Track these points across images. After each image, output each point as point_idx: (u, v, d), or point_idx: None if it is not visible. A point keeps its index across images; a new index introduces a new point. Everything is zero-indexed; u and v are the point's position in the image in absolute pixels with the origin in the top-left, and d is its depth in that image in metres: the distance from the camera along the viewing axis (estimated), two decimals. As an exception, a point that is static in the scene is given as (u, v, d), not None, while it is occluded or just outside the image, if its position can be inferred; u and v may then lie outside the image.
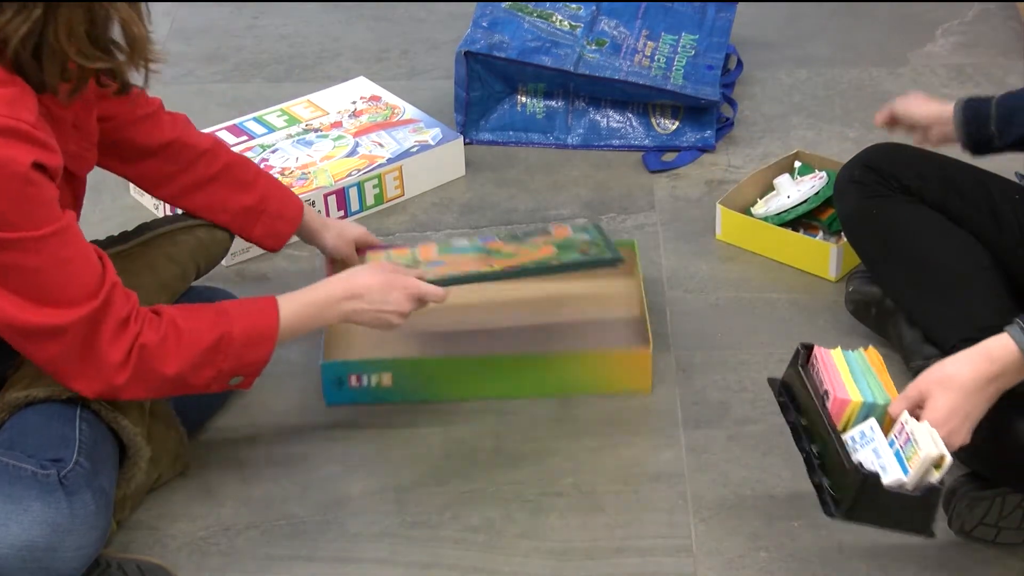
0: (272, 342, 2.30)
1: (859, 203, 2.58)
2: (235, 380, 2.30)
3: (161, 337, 2.20)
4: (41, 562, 2.11)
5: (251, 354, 2.28)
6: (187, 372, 2.23)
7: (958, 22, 3.84)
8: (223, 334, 2.25)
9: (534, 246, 2.69)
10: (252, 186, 2.65)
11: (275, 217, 2.67)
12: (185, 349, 2.22)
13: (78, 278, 2.12)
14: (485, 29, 3.39)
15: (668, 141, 3.35)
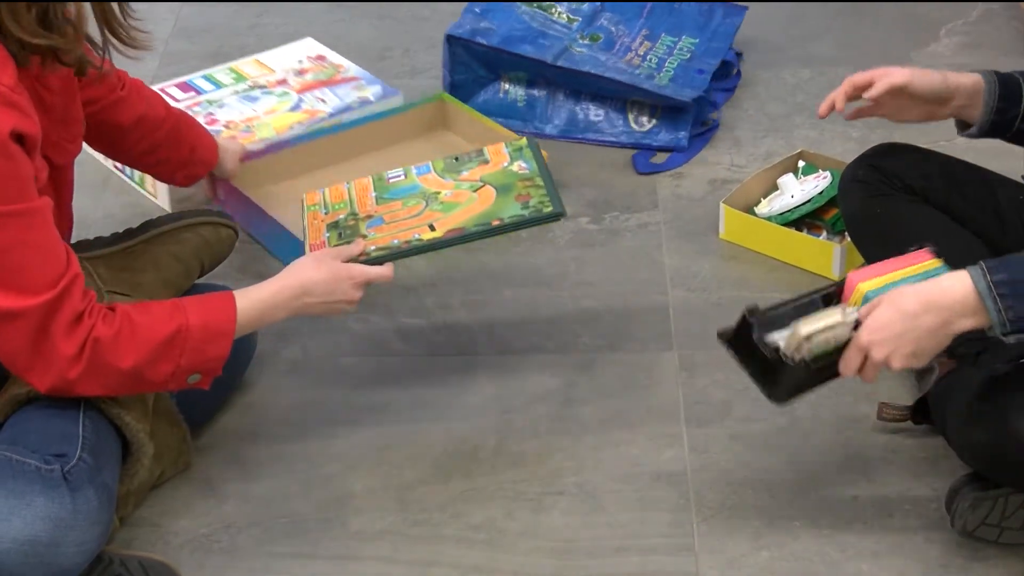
0: (229, 338, 2.28)
1: (863, 203, 2.57)
2: (193, 379, 2.27)
3: (115, 331, 2.17)
4: (43, 557, 2.11)
5: (209, 349, 2.25)
6: (143, 366, 2.20)
7: (962, 22, 3.84)
8: (179, 327, 2.22)
9: (472, 184, 2.60)
10: (186, 139, 2.79)
11: (197, 164, 2.84)
12: (140, 343, 2.19)
13: (39, 266, 2.10)
14: (476, 15, 3.46)
15: (643, 139, 3.36)
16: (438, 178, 2.65)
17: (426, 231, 2.51)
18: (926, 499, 2.42)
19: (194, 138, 2.81)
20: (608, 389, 2.68)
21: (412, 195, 2.61)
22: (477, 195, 2.58)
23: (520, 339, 2.80)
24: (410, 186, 2.64)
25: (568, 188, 3.23)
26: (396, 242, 2.49)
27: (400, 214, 2.56)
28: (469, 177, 2.64)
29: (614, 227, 3.10)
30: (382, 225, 2.54)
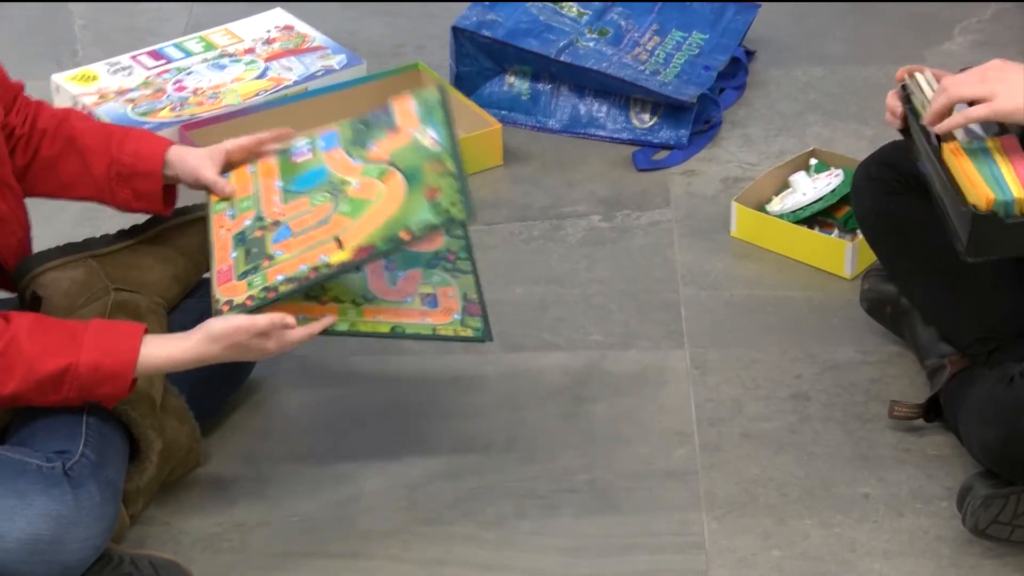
0: (126, 381, 2.18)
1: (876, 201, 2.57)
2: (92, 401, 2.22)
3: (2, 348, 2.13)
4: (47, 555, 2.11)
5: (101, 389, 2.18)
6: (24, 394, 2.15)
7: (976, 20, 3.82)
8: (68, 365, 2.15)
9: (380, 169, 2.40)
10: (97, 154, 2.45)
11: (130, 176, 2.45)
12: (24, 373, 2.14)
13: None
14: (484, 7, 3.48)
15: (644, 136, 3.35)
16: (346, 157, 2.46)
17: (334, 249, 2.30)
18: (937, 497, 2.41)
19: (118, 147, 2.45)
20: (619, 387, 2.67)
21: (320, 187, 2.43)
22: (386, 188, 2.39)
23: (531, 337, 2.80)
24: (317, 169, 2.46)
25: (579, 186, 3.23)
26: (304, 268, 2.27)
27: (308, 220, 2.38)
28: (377, 155, 2.44)
29: (625, 225, 3.10)
30: (288, 239, 2.35)
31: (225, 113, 3.33)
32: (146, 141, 2.48)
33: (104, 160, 2.44)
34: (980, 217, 2.16)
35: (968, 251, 2.20)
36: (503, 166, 3.30)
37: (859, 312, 2.77)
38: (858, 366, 2.69)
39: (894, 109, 2.39)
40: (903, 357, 2.69)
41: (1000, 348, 2.41)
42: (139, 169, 2.44)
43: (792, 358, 2.72)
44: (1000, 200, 2.17)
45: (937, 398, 2.48)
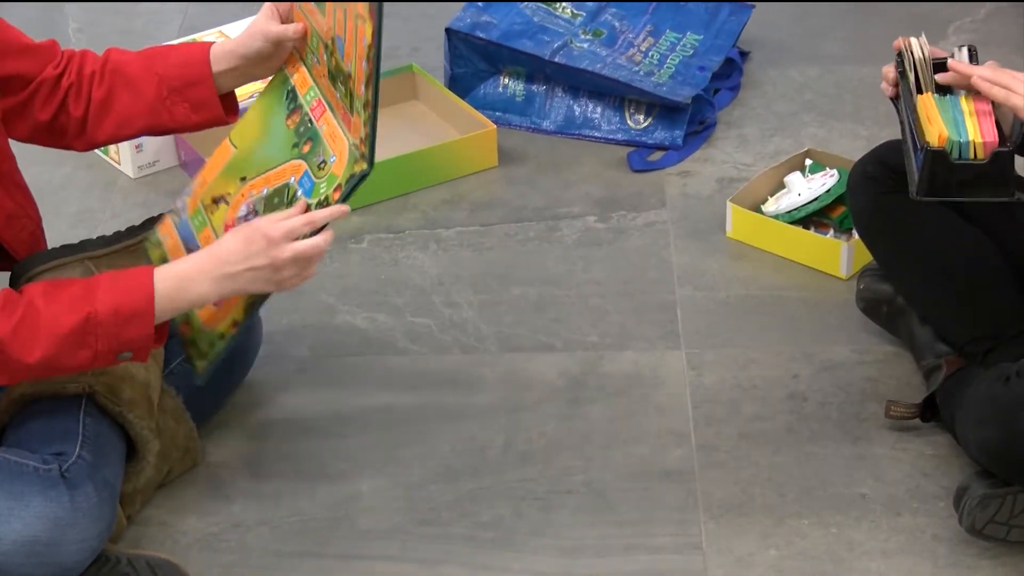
0: (148, 317, 2.13)
1: (872, 200, 2.57)
2: (124, 356, 2.16)
3: (15, 323, 2.09)
4: (44, 556, 2.11)
5: (126, 332, 2.13)
6: (53, 357, 2.11)
7: (970, 20, 3.83)
8: (87, 316, 2.11)
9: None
10: (143, 78, 2.39)
11: (182, 88, 2.38)
12: (44, 335, 2.09)
13: None
14: (478, 9, 3.48)
15: (638, 136, 3.36)
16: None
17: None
18: (934, 497, 2.41)
19: (163, 66, 2.39)
20: (616, 388, 2.68)
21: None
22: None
23: (528, 338, 2.80)
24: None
25: (574, 187, 3.23)
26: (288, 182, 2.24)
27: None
28: None
29: (621, 226, 3.10)
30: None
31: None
32: (187, 48, 2.42)
33: (152, 81, 2.38)
34: (931, 152, 2.21)
35: (919, 189, 2.24)
36: (498, 167, 3.30)
37: (855, 312, 2.77)
38: (855, 366, 2.70)
39: (887, 75, 2.40)
40: (899, 357, 2.70)
41: (996, 348, 2.42)
42: (189, 77, 2.38)
43: (788, 358, 2.72)
44: (954, 140, 2.22)
45: (933, 398, 2.48)
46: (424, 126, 3.41)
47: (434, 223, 3.13)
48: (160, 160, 3.29)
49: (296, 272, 2.18)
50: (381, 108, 3.44)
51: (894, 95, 2.38)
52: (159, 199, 3.15)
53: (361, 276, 2.94)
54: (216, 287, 2.18)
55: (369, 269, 2.95)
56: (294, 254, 2.16)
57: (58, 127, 2.40)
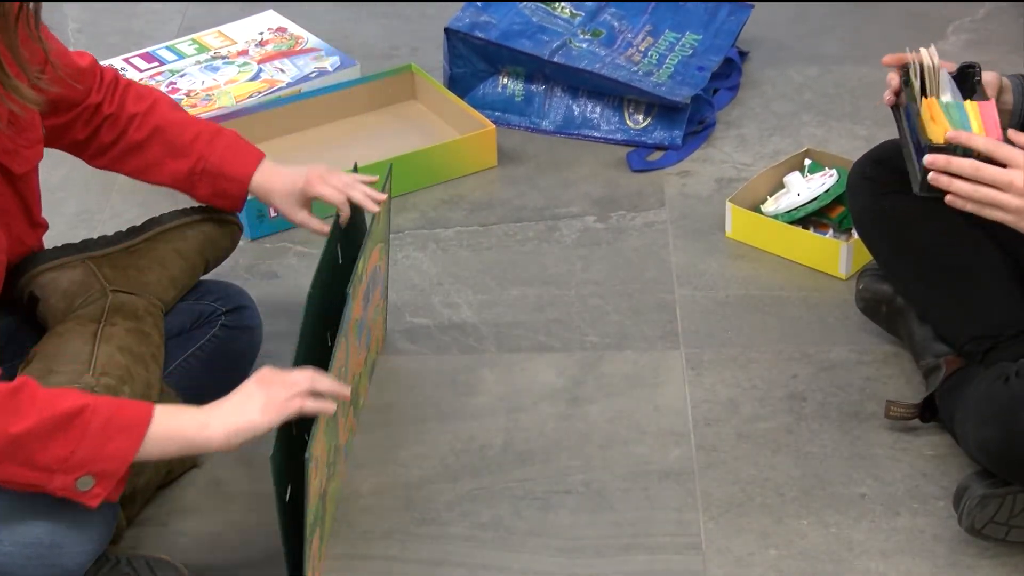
0: (140, 435, 2.03)
1: (871, 200, 2.57)
2: (84, 483, 2.03)
3: (13, 388, 1.99)
4: (45, 559, 2.11)
5: (112, 443, 2.02)
6: (33, 437, 1.97)
7: (969, 19, 3.83)
8: (87, 405, 2.01)
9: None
10: (188, 150, 2.51)
11: (216, 176, 2.52)
12: (39, 407, 1.99)
13: None
14: (477, 9, 3.49)
15: (638, 136, 3.36)
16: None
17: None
18: (934, 497, 2.41)
19: (206, 149, 2.53)
20: (615, 388, 2.68)
21: None
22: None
23: (527, 338, 2.80)
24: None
25: (574, 186, 3.23)
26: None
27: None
28: None
29: (620, 226, 3.10)
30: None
31: (219, 115, 3.33)
32: (234, 154, 2.54)
33: (192, 157, 2.51)
34: (935, 149, 2.20)
35: (921, 186, 2.23)
36: (497, 167, 3.30)
37: (854, 312, 2.77)
38: (854, 366, 2.70)
39: (890, 82, 2.39)
40: (899, 356, 2.70)
41: (996, 347, 2.42)
42: (228, 173, 2.53)
43: (788, 358, 2.72)
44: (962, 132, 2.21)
45: (933, 398, 2.49)
46: (423, 126, 3.42)
47: (433, 223, 3.13)
48: None
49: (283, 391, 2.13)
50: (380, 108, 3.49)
51: (893, 103, 2.38)
52: (158, 199, 3.15)
53: (360, 276, 2.94)
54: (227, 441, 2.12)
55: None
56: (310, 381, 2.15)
57: (86, 145, 2.51)
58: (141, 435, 2.04)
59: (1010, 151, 2.15)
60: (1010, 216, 2.15)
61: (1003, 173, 2.14)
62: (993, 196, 2.15)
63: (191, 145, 2.52)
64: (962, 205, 2.18)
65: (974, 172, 2.16)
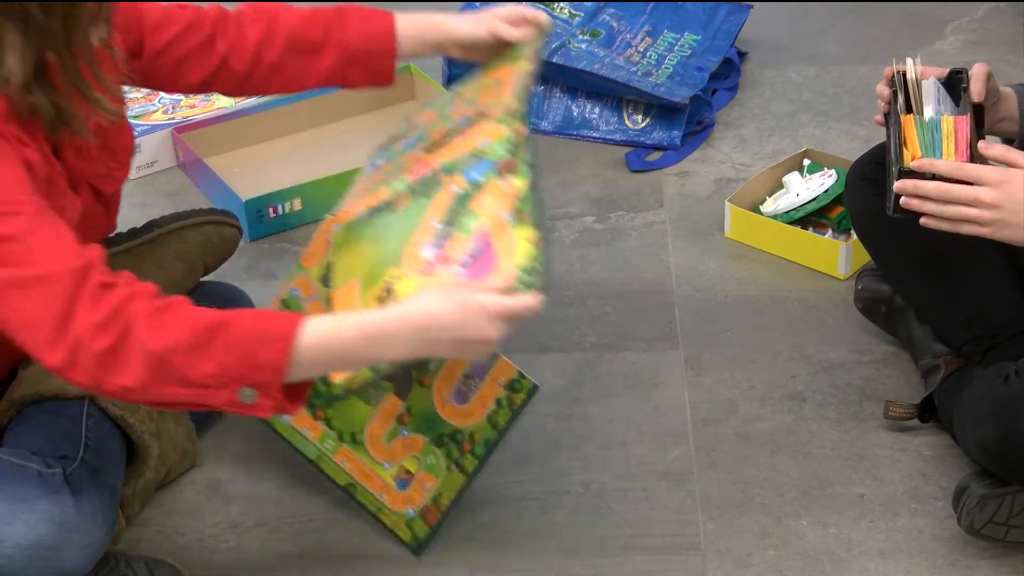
0: (287, 343, 1.91)
1: (870, 200, 2.57)
2: (247, 395, 1.94)
3: (153, 306, 1.93)
4: (47, 560, 2.11)
5: (261, 353, 1.92)
6: (179, 354, 1.90)
7: (967, 20, 3.84)
8: (227, 319, 1.93)
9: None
10: (324, 45, 2.38)
11: (365, 59, 2.39)
12: (178, 322, 1.92)
13: (56, 242, 1.95)
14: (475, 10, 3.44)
15: (637, 137, 3.36)
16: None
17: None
18: (933, 497, 2.41)
19: (340, 36, 2.38)
20: (614, 388, 2.68)
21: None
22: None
23: (525, 338, 2.80)
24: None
25: (573, 187, 3.23)
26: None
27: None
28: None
29: (619, 226, 3.10)
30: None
31: (218, 116, 3.33)
32: (371, 20, 2.40)
33: (333, 52, 2.38)
34: (902, 172, 2.22)
35: (894, 208, 2.25)
36: (497, 167, 3.30)
37: (853, 312, 2.77)
38: (853, 366, 2.70)
39: (881, 93, 2.40)
40: (898, 357, 2.70)
41: (995, 348, 2.42)
42: (373, 49, 2.38)
43: (787, 358, 2.73)
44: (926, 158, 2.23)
45: (932, 398, 2.49)
46: (422, 126, 3.42)
47: (432, 223, 3.13)
48: (158, 160, 3.30)
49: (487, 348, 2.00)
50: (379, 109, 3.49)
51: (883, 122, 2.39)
52: (158, 200, 3.16)
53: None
54: (411, 352, 1.97)
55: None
56: (496, 334, 1.98)
57: (214, 81, 2.42)
58: (289, 339, 1.92)
59: (973, 169, 2.18)
60: (985, 229, 2.18)
61: (969, 191, 2.17)
62: (964, 213, 2.18)
63: (325, 39, 2.38)
64: (936, 225, 2.21)
65: (941, 194, 2.19)
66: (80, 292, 1.91)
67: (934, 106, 2.32)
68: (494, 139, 2.13)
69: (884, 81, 2.37)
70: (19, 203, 1.94)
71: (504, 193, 2.09)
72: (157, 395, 1.94)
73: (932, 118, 2.29)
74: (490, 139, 2.13)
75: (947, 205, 2.19)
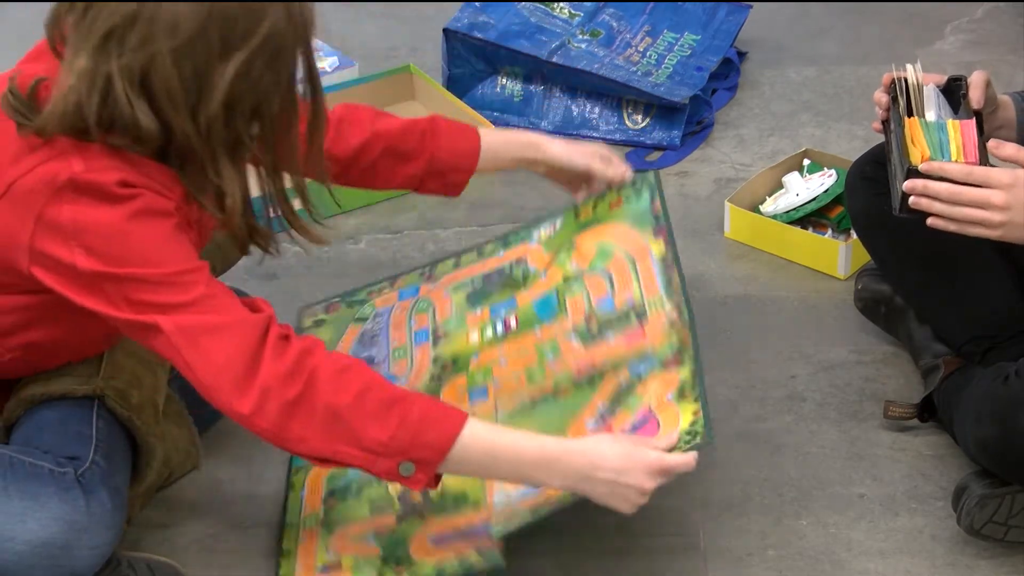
0: (456, 427, 2.03)
1: (870, 200, 2.57)
2: (406, 468, 2.03)
3: (339, 367, 2.04)
4: (57, 559, 2.12)
5: (431, 432, 2.03)
6: (357, 415, 2.01)
7: (967, 20, 3.84)
8: (405, 394, 2.05)
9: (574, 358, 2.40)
10: (415, 155, 2.50)
11: (446, 173, 2.52)
12: (361, 385, 2.03)
13: (235, 301, 2.07)
14: (475, 9, 3.48)
15: (636, 137, 3.36)
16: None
17: None
18: (933, 497, 2.42)
19: (433, 149, 2.51)
20: (614, 388, 2.68)
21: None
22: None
23: (526, 338, 2.80)
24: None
25: (573, 187, 3.23)
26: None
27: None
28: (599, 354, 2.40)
29: (619, 226, 3.10)
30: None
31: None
32: (460, 137, 2.53)
33: (422, 161, 2.49)
34: (912, 171, 2.22)
35: (901, 207, 2.25)
36: (497, 167, 3.30)
37: (853, 312, 2.77)
38: (853, 366, 2.70)
39: (879, 100, 2.40)
40: (898, 357, 2.70)
41: (995, 347, 2.42)
42: (456, 165, 2.51)
43: (787, 358, 2.73)
44: (935, 159, 2.23)
45: (932, 398, 2.49)
46: (422, 127, 3.41)
47: (432, 223, 3.13)
48: None
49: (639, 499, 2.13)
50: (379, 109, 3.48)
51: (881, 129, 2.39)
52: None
53: (359, 276, 2.93)
54: (570, 482, 2.10)
55: (367, 269, 2.94)
56: (652, 486, 2.12)
57: None
58: (457, 426, 2.04)
59: (983, 172, 2.17)
60: (994, 232, 2.18)
61: (979, 193, 2.17)
62: (972, 215, 2.18)
63: (418, 149, 2.50)
64: (944, 226, 2.20)
65: (951, 196, 2.19)
66: (265, 341, 2.01)
67: (935, 111, 2.32)
68: (659, 344, 2.32)
69: (882, 88, 2.37)
70: (196, 270, 2.04)
71: (668, 381, 2.26)
72: (327, 450, 2.03)
73: (938, 120, 2.29)
74: (655, 344, 2.32)
75: (955, 207, 2.18)
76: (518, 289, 2.57)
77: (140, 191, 2.00)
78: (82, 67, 1.93)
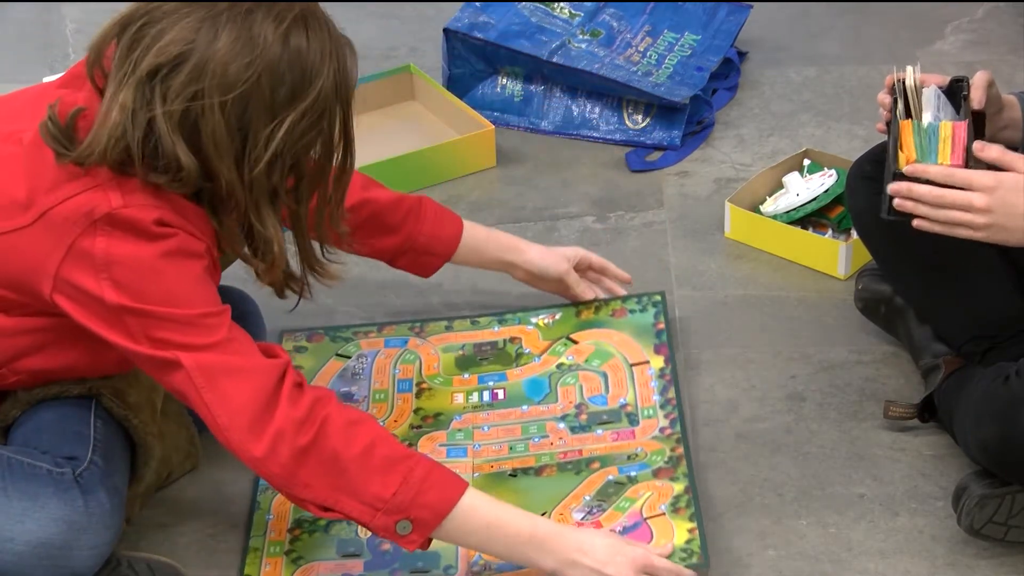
0: (457, 493, 2.09)
1: (870, 199, 2.56)
2: (402, 527, 2.08)
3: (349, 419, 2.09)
4: (56, 560, 2.12)
5: (429, 493, 2.07)
6: (363, 468, 2.06)
7: (968, 20, 3.83)
8: (410, 454, 2.10)
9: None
10: (396, 229, 2.59)
11: (420, 254, 2.63)
12: (369, 439, 2.07)
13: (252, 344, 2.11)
14: (475, 9, 3.48)
15: (637, 137, 3.36)
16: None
17: None
18: (933, 497, 2.41)
19: (414, 228, 2.61)
20: (614, 388, 2.68)
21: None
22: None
23: (526, 338, 2.80)
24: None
25: (573, 187, 3.23)
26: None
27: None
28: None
29: (619, 226, 3.10)
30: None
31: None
32: (443, 223, 2.64)
33: (400, 237, 2.60)
34: (897, 174, 2.24)
35: (887, 209, 2.26)
36: (496, 168, 3.30)
37: (853, 312, 2.77)
38: (853, 366, 2.70)
39: (883, 101, 2.40)
40: (898, 357, 2.70)
41: (995, 347, 2.42)
42: (433, 249, 2.63)
43: (787, 358, 2.72)
44: (920, 162, 2.24)
45: (932, 398, 2.49)
46: (422, 126, 3.42)
47: (432, 224, 3.12)
48: None
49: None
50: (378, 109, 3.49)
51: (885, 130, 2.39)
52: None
53: (360, 277, 2.93)
54: (555, 565, 2.13)
55: (368, 270, 2.94)
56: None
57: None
58: (459, 490, 2.09)
59: (965, 175, 2.18)
60: (979, 233, 2.19)
61: (962, 196, 2.18)
62: (956, 217, 2.19)
63: (401, 224, 2.59)
64: (929, 227, 2.21)
65: (935, 199, 2.20)
66: (282, 387, 2.06)
67: (933, 112, 2.32)
68: (650, 450, 2.43)
69: (885, 89, 2.37)
70: (221, 313, 2.09)
71: (661, 491, 2.36)
72: (330, 499, 2.08)
73: (930, 123, 2.29)
74: (646, 449, 2.44)
75: (939, 210, 2.19)
76: (509, 365, 2.63)
77: (176, 231, 2.03)
78: (125, 103, 1.95)
